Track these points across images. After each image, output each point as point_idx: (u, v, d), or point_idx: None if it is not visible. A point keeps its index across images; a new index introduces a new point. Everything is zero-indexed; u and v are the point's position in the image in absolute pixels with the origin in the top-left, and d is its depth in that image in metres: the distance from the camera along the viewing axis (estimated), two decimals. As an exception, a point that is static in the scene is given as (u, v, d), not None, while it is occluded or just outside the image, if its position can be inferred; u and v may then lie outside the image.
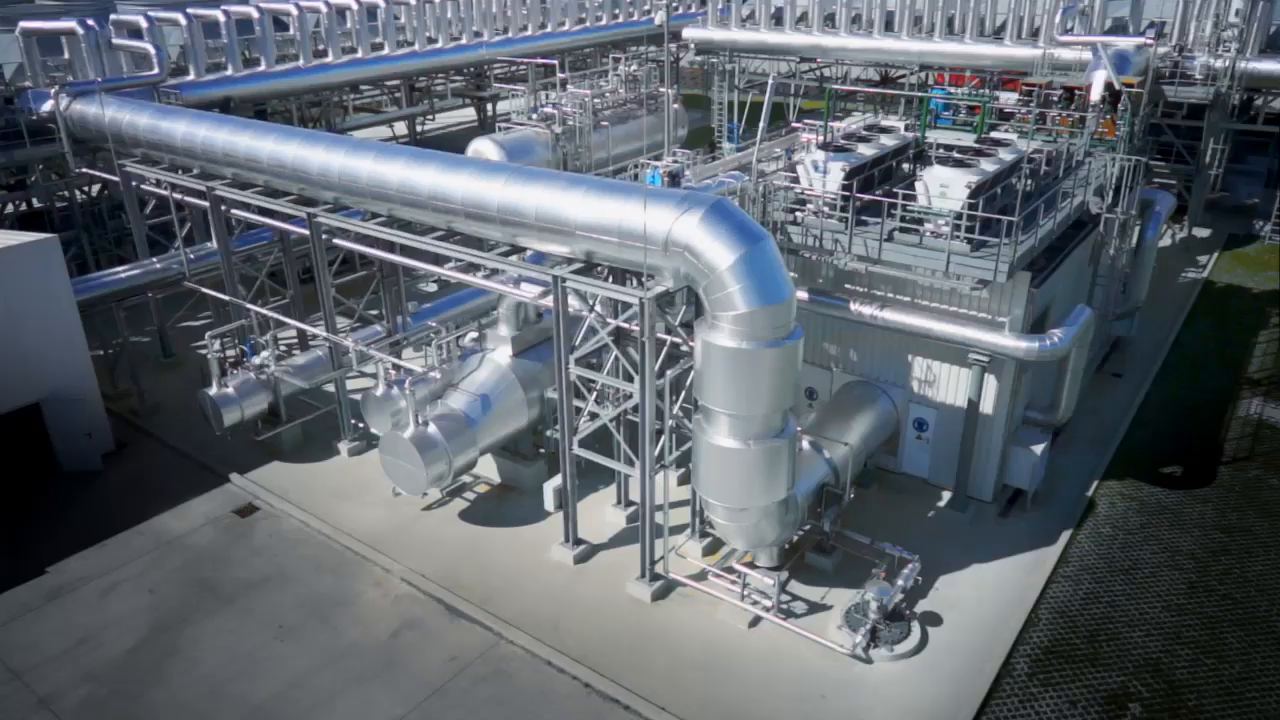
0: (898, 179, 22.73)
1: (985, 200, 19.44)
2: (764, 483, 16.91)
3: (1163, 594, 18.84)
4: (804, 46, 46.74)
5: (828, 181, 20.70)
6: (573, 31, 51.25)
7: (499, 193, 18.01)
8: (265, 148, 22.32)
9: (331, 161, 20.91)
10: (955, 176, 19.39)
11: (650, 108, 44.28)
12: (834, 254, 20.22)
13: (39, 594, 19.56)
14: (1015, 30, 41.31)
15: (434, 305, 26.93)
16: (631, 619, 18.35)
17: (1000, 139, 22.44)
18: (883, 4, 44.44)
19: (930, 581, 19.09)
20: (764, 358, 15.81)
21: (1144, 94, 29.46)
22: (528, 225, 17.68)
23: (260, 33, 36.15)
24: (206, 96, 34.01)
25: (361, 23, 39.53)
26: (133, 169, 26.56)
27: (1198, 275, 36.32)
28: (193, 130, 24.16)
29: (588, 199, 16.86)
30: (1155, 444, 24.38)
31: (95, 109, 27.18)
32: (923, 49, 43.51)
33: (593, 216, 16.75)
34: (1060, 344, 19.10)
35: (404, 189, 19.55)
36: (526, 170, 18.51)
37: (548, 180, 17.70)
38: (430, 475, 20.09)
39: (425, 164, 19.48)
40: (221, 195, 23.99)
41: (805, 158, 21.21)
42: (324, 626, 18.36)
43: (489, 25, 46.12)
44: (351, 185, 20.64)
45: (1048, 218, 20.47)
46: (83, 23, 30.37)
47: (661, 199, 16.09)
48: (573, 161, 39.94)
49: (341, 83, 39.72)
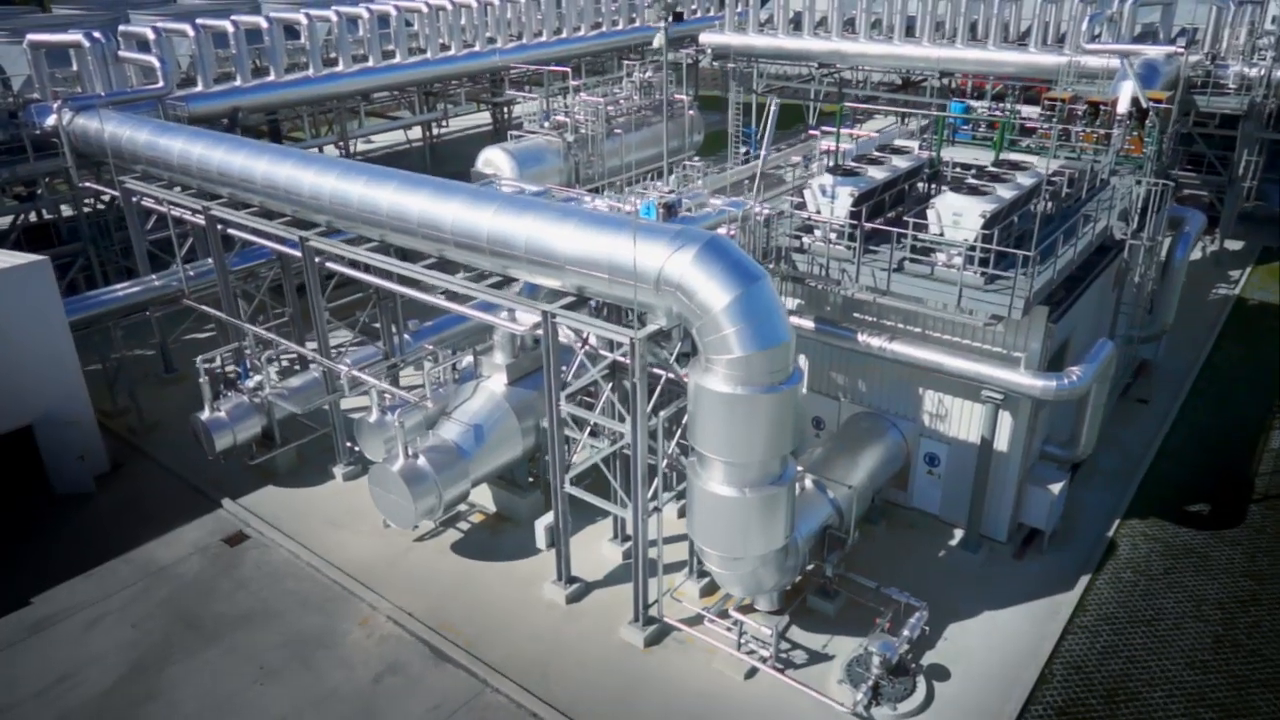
0: (912, 201, 21.82)
1: (1001, 229, 18.47)
2: (761, 532, 16.12)
3: (1186, 649, 17.82)
4: (822, 52, 45.69)
5: (836, 207, 19.83)
6: (588, 37, 50.54)
7: (489, 222, 17.32)
8: (259, 168, 21.79)
9: (323, 184, 20.33)
10: (969, 205, 18.45)
11: (665, 114, 43.59)
12: (840, 284, 19.36)
13: (23, 627, 19.18)
14: (1040, 37, 40.02)
15: (435, 324, 26.35)
16: (623, 667, 17.63)
17: (1019, 161, 21.39)
18: (903, 9, 43.30)
19: (939, 629, 18.20)
20: (761, 404, 15.01)
21: (1173, 109, 28.19)
22: (518, 257, 16.98)
23: (270, 42, 35.74)
24: (213, 108, 33.69)
25: (373, 31, 39.02)
26: (132, 185, 26.18)
27: (1229, 291, 34.95)
28: (189, 148, 23.70)
29: (578, 232, 16.12)
30: (1181, 478, 23.27)
31: (96, 124, 26.85)
32: (944, 55, 42.32)
33: (583, 251, 16.01)
34: (1079, 382, 18.11)
35: (394, 215, 18.93)
36: (518, 200, 17.80)
37: (538, 211, 16.97)
38: (419, 509, 19.48)
39: (416, 189, 18.84)
40: (217, 215, 23.53)
41: (813, 182, 20.35)
42: (305, 669, 17.81)
43: (503, 32, 45.51)
44: (343, 210, 20.07)
45: (1068, 246, 19.45)
46: (89, 35, 30.04)
47: (653, 235, 15.32)
48: (585, 170, 39.35)
49: (352, 91, 39.20)
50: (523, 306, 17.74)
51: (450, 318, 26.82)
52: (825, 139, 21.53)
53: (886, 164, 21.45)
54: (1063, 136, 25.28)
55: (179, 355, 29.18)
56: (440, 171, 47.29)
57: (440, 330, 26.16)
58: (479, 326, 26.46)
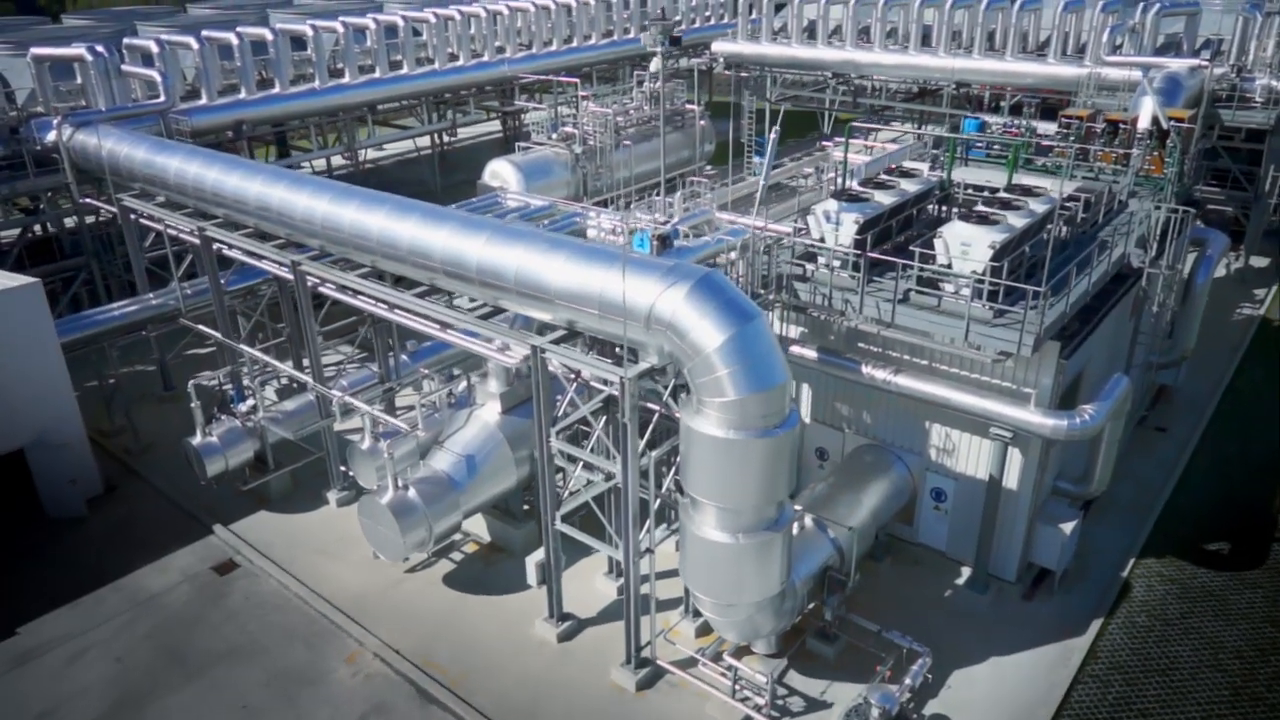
0: (922, 225, 21.12)
1: (1013, 259, 17.74)
2: (756, 578, 15.51)
3: (1203, 701, 17.03)
4: (837, 62, 44.94)
5: (840, 234, 19.18)
6: (598, 46, 50.06)
7: (479, 252, 16.83)
8: (252, 189, 21.46)
9: (315, 209, 19.95)
10: (978, 235, 17.72)
11: (675, 124, 42.97)
12: (844, 314, 18.70)
13: (7, 659, 18.87)
14: (1059, 47, 39.08)
15: (433, 344, 25.85)
16: (613, 711, 17.06)
17: (1032, 187, 20.64)
18: (919, 18, 42.48)
19: (942, 676, 17.51)
20: (755, 448, 14.40)
21: (1195, 128, 27.26)
22: (507, 289, 16.48)
23: (275, 54, 35.45)
24: (217, 121, 33.48)
25: (380, 41, 38.67)
26: (130, 203, 25.91)
27: (1254, 311, 33.93)
28: (185, 167, 23.42)
29: (569, 265, 15.58)
30: (1200, 514, 22.42)
31: (95, 140, 26.61)
32: (961, 66, 41.46)
33: (573, 284, 15.48)
34: (1092, 422, 17.36)
35: (384, 242, 18.49)
36: (509, 229, 17.27)
37: (529, 241, 16.45)
38: (409, 542, 19.01)
39: (407, 215, 18.38)
40: (212, 236, 23.18)
41: (817, 207, 19.70)
42: (289, 708, 17.37)
43: (511, 41, 45.06)
44: (334, 235, 19.66)
45: (1081, 277, 18.69)
46: (92, 49, 29.79)
47: (644, 270, 14.74)
48: (593, 181, 38.85)
49: (359, 103, 38.83)
50: (513, 339, 17.21)
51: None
52: (838, 149, 20.76)
53: (895, 188, 20.74)
54: (1080, 156, 24.52)
55: (179, 371, 28.89)
56: (450, 180, 47.29)
57: (438, 351, 25.65)
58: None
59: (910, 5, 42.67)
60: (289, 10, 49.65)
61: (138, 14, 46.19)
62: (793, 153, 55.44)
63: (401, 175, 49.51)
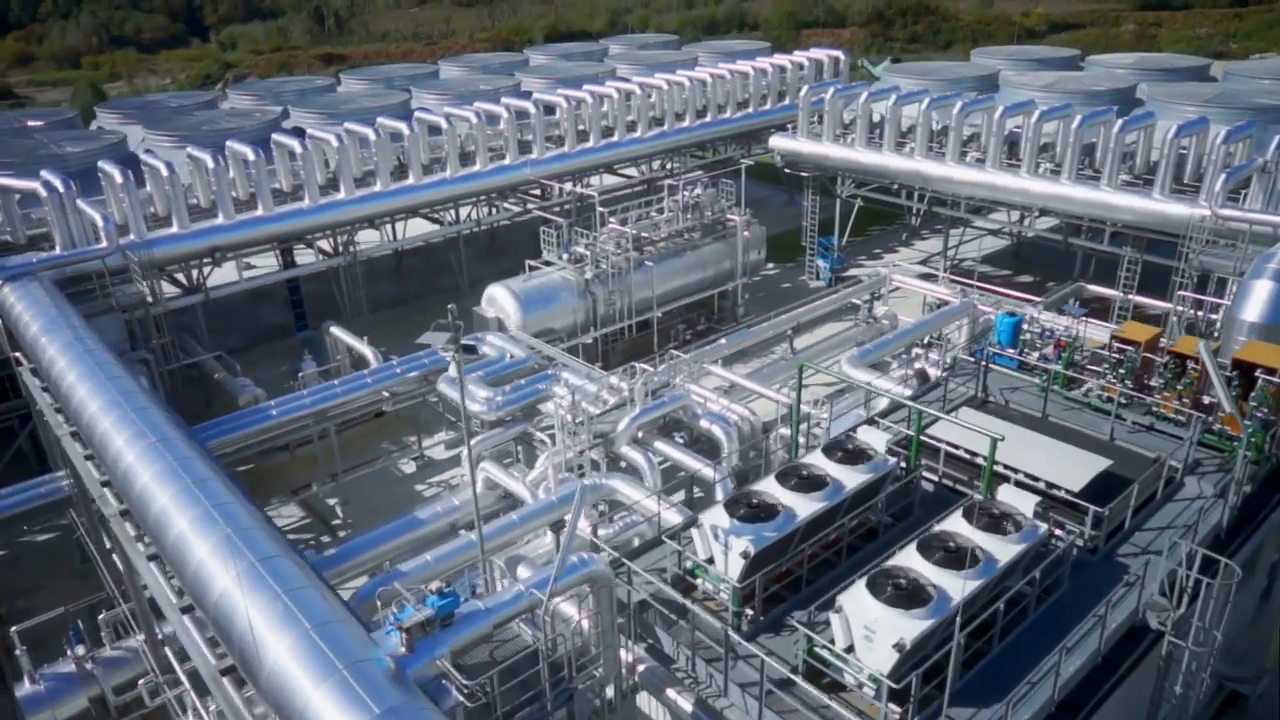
0: (863, 532, 15.98)
1: (938, 657, 12.44)
2: None
3: None
4: (904, 172, 39.11)
5: (729, 561, 14.39)
6: (647, 138, 45.52)
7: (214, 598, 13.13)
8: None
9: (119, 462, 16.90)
10: (887, 618, 12.53)
11: (716, 234, 38.33)
12: (709, 688, 13.88)
13: None
14: (1168, 177, 31.90)
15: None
16: None
17: (1031, 480, 15.01)
18: (1001, 130, 36.01)
19: None
20: None
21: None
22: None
23: (256, 174, 33.32)
24: (187, 249, 31.53)
25: (381, 152, 36.03)
26: (27, 379, 23.82)
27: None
28: (54, 361, 21.08)
29: (276, 668, 11.62)
30: None
31: (12, 300, 24.83)
32: (1043, 191, 34.89)
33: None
34: None
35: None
36: (255, 571, 13.42)
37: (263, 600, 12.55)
38: None
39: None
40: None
41: (705, 520, 14.93)
42: None
43: (539, 140, 41.41)
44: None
45: (1064, 659, 13.10)
46: (47, 185, 28.10)
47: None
48: (606, 307, 34.93)
49: (351, 220, 36.21)
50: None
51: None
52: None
53: (830, 484, 15.45)
54: (1135, 387, 18.99)
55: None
56: (497, 264, 43.53)
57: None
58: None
59: (993, 111, 36.34)
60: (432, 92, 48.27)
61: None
62: (875, 246, 49.33)
63: (442, 260, 45.91)
